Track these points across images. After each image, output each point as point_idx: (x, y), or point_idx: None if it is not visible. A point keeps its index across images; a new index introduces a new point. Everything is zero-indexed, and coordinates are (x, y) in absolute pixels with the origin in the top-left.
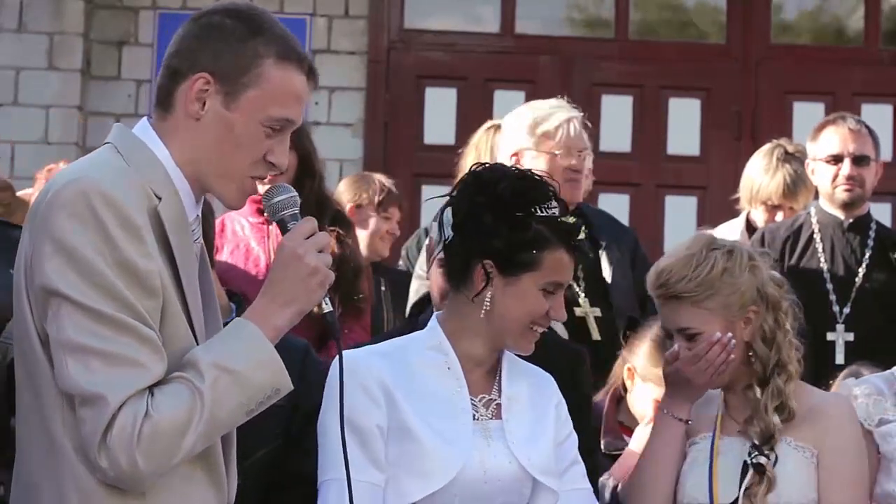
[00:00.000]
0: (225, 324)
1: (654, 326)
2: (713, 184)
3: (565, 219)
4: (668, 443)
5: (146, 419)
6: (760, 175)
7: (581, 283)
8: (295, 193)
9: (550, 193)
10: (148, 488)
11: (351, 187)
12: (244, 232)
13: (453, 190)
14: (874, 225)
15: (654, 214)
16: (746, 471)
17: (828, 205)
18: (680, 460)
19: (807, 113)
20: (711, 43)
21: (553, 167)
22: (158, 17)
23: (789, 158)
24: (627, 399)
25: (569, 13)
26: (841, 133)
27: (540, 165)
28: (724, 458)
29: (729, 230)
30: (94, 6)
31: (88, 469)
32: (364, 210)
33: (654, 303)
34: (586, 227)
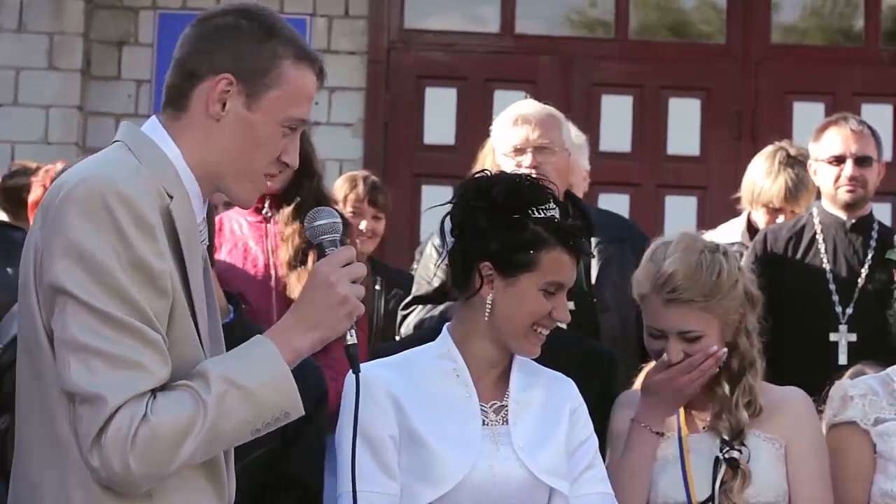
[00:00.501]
0: (224, 325)
1: None
2: (713, 184)
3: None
4: (646, 457)
5: (143, 422)
6: (762, 178)
7: None
8: (338, 219)
9: (548, 195)
10: (154, 490)
11: (338, 188)
12: (242, 231)
13: (453, 198)
14: (877, 225)
15: (654, 214)
16: (719, 467)
17: (830, 205)
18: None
19: (807, 113)
20: (711, 43)
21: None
22: (158, 17)
23: (791, 162)
24: None
25: (569, 13)
26: (843, 134)
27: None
28: (695, 456)
29: (730, 230)
30: (94, 6)
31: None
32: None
33: (645, 304)
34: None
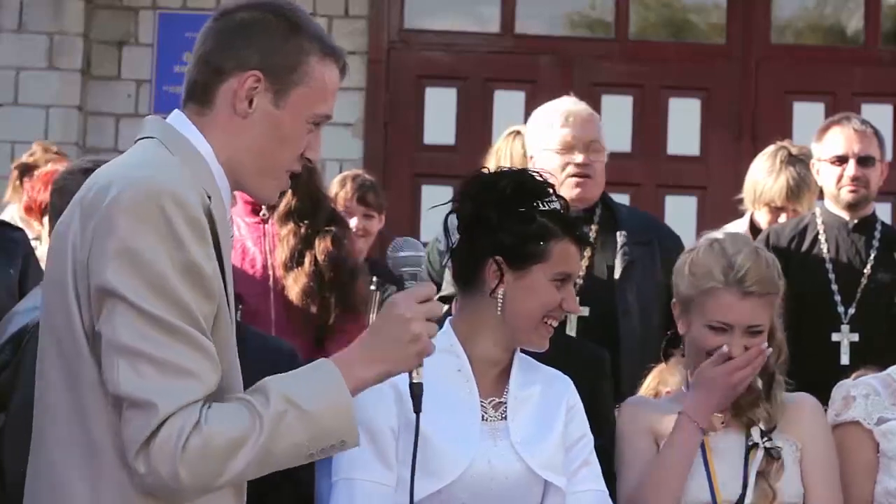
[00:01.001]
0: None
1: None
2: (713, 184)
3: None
4: (691, 452)
5: (195, 431)
6: (764, 177)
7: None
8: (422, 253)
9: (549, 189)
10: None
11: (331, 188)
12: (241, 232)
13: (455, 196)
14: (879, 225)
15: (654, 214)
16: (753, 454)
17: (833, 205)
18: None
19: (807, 113)
20: (711, 43)
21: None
22: (158, 17)
23: (793, 161)
24: None
25: (569, 13)
26: (846, 134)
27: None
28: (720, 456)
29: (733, 231)
30: (94, 6)
31: (128, 474)
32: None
33: (709, 298)
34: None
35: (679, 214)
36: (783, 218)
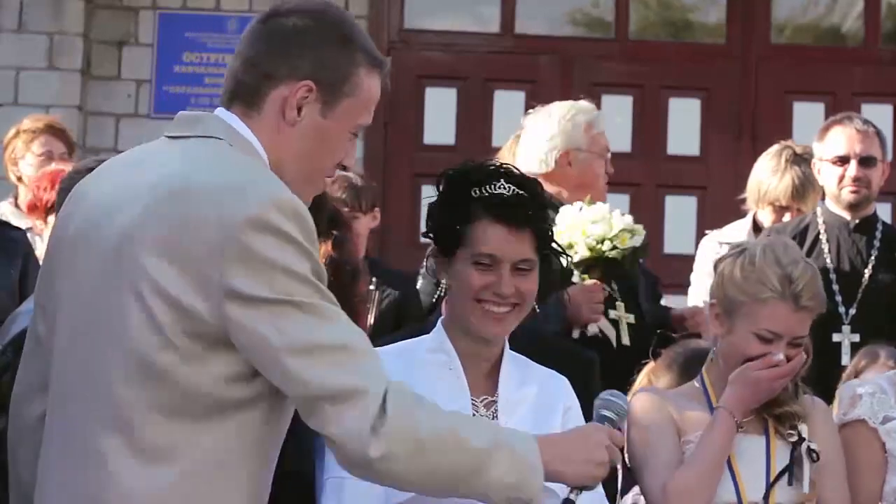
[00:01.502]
0: None
1: (685, 348)
2: (713, 184)
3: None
4: (728, 448)
5: (418, 405)
6: (768, 176)
7: (614, 286)
8: (626, 408)
9: (498, 175)
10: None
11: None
12: None
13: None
14: (880, 225)
15: (654, 214)
16: (797, 448)
17: (834, 205)
18: None
19: (807, 113)
20: (711, 43)
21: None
22: (158, 17)
23: (798, 160)
24: None
25: (569, 13)
26: (847, 134)
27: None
28: (741, 457)
29: (735, 231)
30: (94, 6)
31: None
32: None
33: (761, 307)
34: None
35: (679, 214)
36: (787, 217)
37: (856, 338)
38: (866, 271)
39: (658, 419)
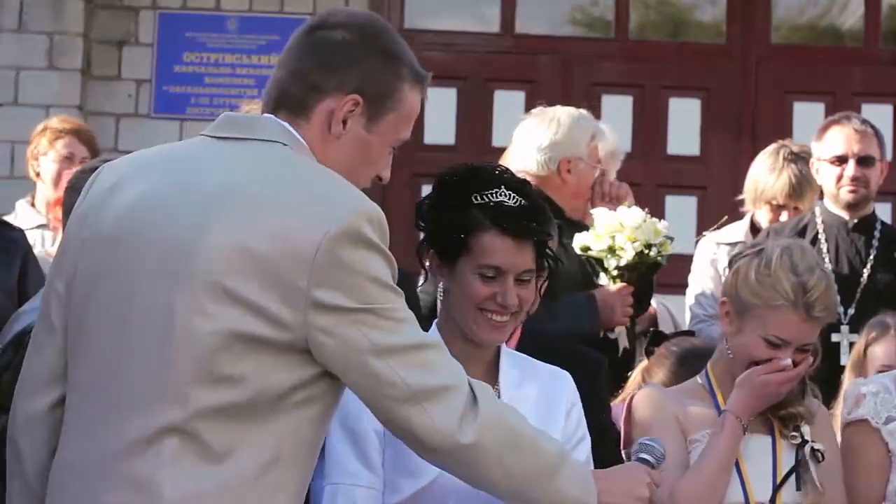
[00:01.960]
0: None
1: (679, 346)
2: (713, 184)
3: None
4: (735, 451)
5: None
6: (765, 175)
7: None
8: (663, 454)
9: (499, 182)
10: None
11: None
12: None
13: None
14: (879, 225)
15: (654, 214)
16: (802, 449)
17: (832, 205)
18: None
19: (807, 113)
20: (711, 43)
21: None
22: (158, 17)
23: (795, 158)
24: None
25: (569, 13)
26: (846, 133)
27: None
28: (749, 457)
29: (733, 232)
30: (94, 6)
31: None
32: None
33: (771, 312)
34: None
35: (679, 214)
36: (784, 216)
37: (854, 338)
38: (865, 271)
39: (661, 418)
